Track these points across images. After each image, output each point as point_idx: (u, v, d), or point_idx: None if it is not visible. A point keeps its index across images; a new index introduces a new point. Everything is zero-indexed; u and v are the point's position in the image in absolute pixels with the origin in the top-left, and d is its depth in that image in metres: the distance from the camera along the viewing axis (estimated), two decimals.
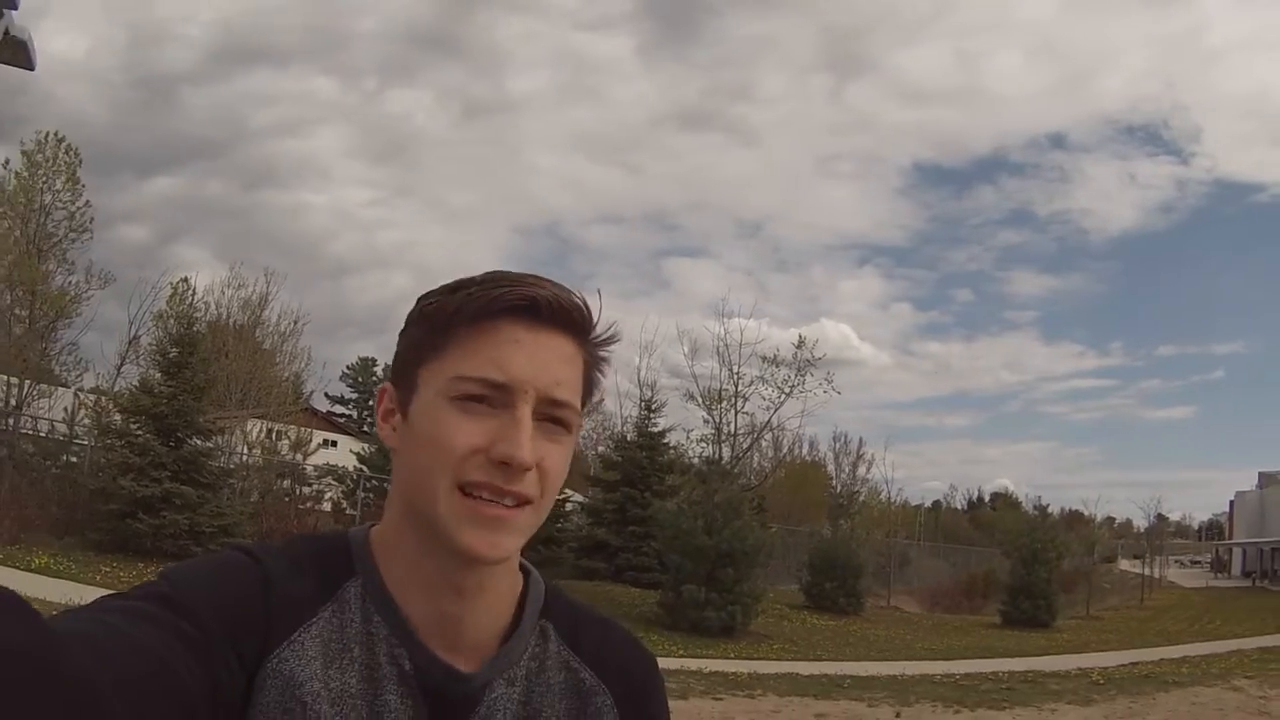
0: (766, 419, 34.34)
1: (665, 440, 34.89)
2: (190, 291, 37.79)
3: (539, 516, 1.45)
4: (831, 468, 57.23)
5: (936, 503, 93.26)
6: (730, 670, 18.25)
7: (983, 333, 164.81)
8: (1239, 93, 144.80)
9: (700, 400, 33.44)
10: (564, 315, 1.44)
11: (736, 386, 33.04)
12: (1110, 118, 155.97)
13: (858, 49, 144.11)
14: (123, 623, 1.21)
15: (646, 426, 34.82)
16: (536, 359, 1.41)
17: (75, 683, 1.03)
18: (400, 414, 1.48)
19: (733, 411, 33.16)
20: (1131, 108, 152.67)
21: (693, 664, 18.43)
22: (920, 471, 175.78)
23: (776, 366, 33.35)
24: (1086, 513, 70.87)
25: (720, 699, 15.15)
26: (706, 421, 32.50)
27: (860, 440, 55.48)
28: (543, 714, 1.56)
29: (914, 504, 74.91)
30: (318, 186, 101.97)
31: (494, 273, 1.45)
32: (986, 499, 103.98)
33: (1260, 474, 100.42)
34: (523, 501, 1.40)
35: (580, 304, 1.47)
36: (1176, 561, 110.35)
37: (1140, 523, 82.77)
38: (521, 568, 1.60)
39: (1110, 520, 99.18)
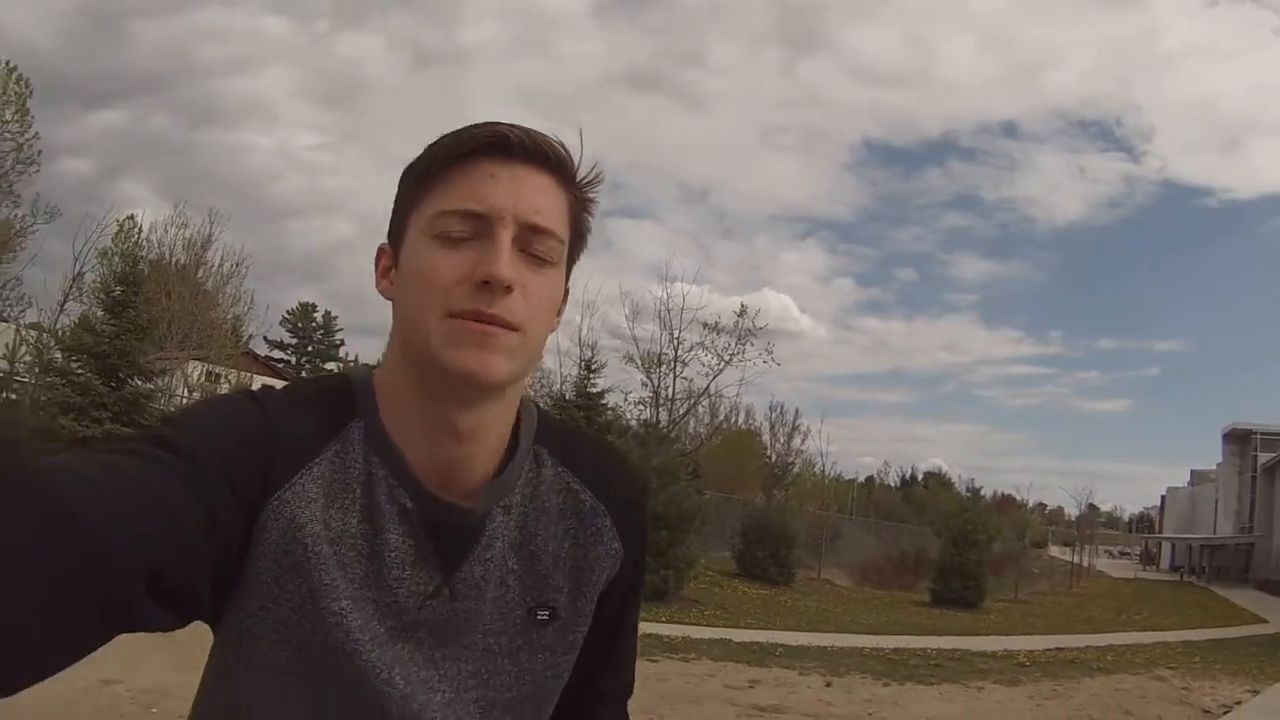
0: (705, 385, 34.46)
1: (604, 401, 34.45)
2: (136, 229, 37.23)
3: (529, 345, 1.48)
4: (767, 438, 57.07)
5: (870, 478, 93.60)
6: (664, 634, 18.23)
7: (922, 313, 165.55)
8: (1191, 98, 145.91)
9: (639, 363, 33.49)
10: (538, 151, 1.48)
11: (676, 351, 33.15)
12: (1063, 111, 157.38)
13: (812, 25, 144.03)
14: (120, 461, 1.25)
15: (585, 386, 34.38)
16: (512, 189, 1.45)
17: (61, 513, 1.09)
18: (394, 265, 1.52)
19: (671, 376, 33.27)
20: (1084, 103, 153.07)
21: None
22: (854, 446, 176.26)
23: (717, 333, 33.47)
24: (1019, 497, 71.33)
25: (656, 660, 15.20)
26: (645, 384, 32.68)
27: (796, 411, 55.44)
28: (538, 537, 1.63)
29: (848, 478, 75.33)
30: (263, 127, 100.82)
31: (472, 124, 1.49)
32: (920, 477, 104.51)
33: (1192, 471, 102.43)
34: (509, 326, 1.43)
35: (557, 144, 1.50)
36: (1106, 552, 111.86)
37: (1071, 511, 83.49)
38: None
39: (1042, 506, 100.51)
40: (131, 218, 37.53)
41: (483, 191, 1.44)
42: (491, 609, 1.59)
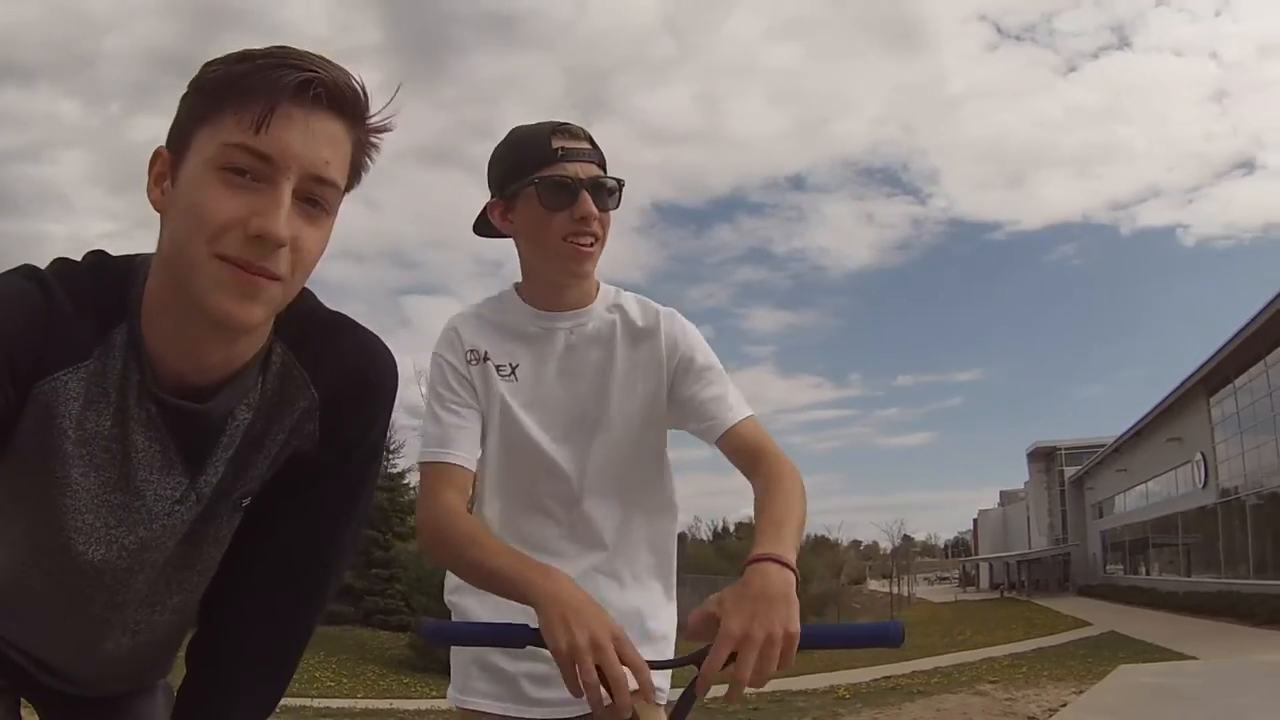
0: None
1: (405, 482, 34.41)
2: None
3: (289, 291, 1.51)
4: None
5: (681, 535, 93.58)
6: None
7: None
8: (976, 139, 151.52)
9: None
10: (339, 98, 1.46)
11: None
12: (849, 160, 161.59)
13: (601, 90, 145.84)
14: None
15: (386, 468, 34.04)
16: (305, 137, 1.43)
17: None
18: (170, 178, 1.49)
19: None
20: (870, 151, 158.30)
21: (443, 704, 17.97)
22: None
23: None
24: (832, 537, 72.94)
25: None
26: None
27: None
28: (271, 429, 1.69)
29: None
30: (57, 215, 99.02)
31: (280, 47, 1.47)
32: (732, 529, 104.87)
33: (1001, 492, 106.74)
34: (275, 278, 1.45)
35: (358, 89, 1.50)
36: (925, 579, 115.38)
37: (886, 544, 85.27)
38: None
39: (857, 544, 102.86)
40: None
41: (276, 134, 1.41)
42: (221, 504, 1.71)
